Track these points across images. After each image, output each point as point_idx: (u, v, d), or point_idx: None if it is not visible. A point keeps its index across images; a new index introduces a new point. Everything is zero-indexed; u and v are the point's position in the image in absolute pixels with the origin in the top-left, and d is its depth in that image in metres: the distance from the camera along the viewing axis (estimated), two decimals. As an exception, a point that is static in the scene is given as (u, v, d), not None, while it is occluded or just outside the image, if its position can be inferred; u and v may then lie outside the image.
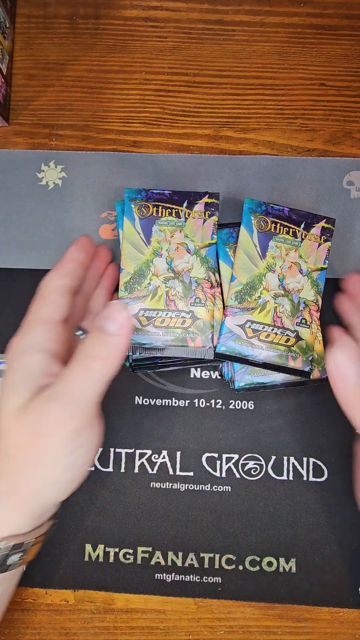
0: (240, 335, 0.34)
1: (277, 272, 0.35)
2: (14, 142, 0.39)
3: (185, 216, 0.35)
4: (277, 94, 0.40)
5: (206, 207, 0.35)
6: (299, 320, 0.34)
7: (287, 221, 0.35)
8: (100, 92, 0.40)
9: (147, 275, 0.34)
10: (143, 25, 0.40)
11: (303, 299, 0.35)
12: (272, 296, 0.34)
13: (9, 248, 0.38)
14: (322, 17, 0.40)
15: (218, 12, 0.40)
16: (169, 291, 0.34)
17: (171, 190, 0.35)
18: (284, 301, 0.34)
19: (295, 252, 0.35)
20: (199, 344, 0.33)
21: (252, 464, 0.36)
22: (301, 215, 0.36)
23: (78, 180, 0.39)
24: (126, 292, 0.34)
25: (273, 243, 0.35)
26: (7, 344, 0.28)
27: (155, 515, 0.35)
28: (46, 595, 0.35)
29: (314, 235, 0.36)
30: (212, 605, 0.35)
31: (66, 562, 0.35)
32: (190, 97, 0.40)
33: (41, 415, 0.25)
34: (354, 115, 0.39)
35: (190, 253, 0.34)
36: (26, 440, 0.25)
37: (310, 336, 0.34)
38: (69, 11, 0.41)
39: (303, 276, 0.35)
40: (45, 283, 0.30)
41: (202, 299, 0.34)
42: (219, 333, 0.34)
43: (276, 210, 0.36)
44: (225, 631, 0.34)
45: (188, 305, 0.34)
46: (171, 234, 0.35)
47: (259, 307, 0.34)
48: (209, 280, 0.34)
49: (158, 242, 0.34)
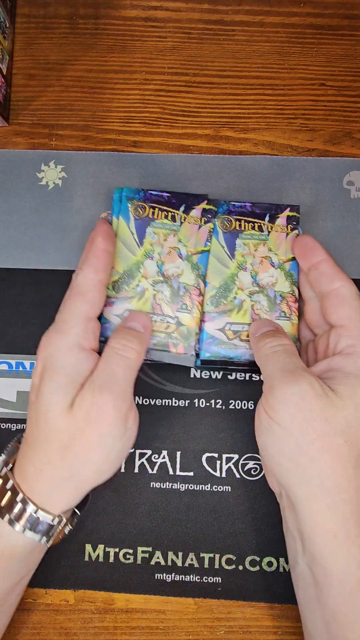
0: (221, 339, 0.34)
1: (249, 270, 0.34)
2: (14, 142, 0.39)
3: (181, 220, 0.35)
4: (277, 94, 0.40)
5: (203, 213, 0.35)
6: (278, 314, 0.34)
7: (250, 216, 0.35)
8: (100, 92, 0.40)
9: (136, 277, 0.34)
10: (143, 25, 0.40)
11: (279, 292, 0.34)
12: (248, 294, 0.34)
13: (9, 248, 0.38)
14: (322, 17, 0.40)
15: (218, 12, 0.40)
16: (157, 295, 0.34)
17: (170, 193, 0.35)
18: (260, 297, 0.34)
19: (264, 246, 0.35)
20: (181, 351, 0.33)
21: (252, 464, 0.36)
22: (264, 208, 0.36)
23: (78, 180, 0.39)
24: (114, 291, 0.34)
25: (240, 241, 0.35)
26: (42, 339, 0.30)
27: (155, 515, 0.35)
28: (46, 595, 0.35)
29: (280, 226, 0.35)
30: (212, 605, 0.35)
31: (66, 562, 0.35)
32: (190, 97, 0.40)
33: (92, 406, 0.28)
34: (354, 115, 0.39)
35: (182, 258, 0.34)
36: (82, 432, 0.28)
37: (291, 328, 0.34)
38: (69, 11, 0.41)
39: (275, 269, 0.35)
40: (82, 279, 0.30)
41: (188, 306, 0.34)
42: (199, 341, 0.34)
43: (238, 207, 0.35)
44: (225, 631, 0.34)
45: (174, 311, 0.34)
46: (165, 238, 0.34)
47: (236, 308, 0.34)
48: (197, 287, 0.34)
49: (151, 244, 0.34)
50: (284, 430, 0.27)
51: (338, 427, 0.27)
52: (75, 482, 0.29)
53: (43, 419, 0.28)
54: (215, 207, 0.35)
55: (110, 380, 0.28)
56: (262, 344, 0.31)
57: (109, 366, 0.29)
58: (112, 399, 0.28)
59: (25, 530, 0.28)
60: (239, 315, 0.34)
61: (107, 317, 0.33)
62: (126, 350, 0.29)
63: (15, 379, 0.37)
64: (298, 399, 0.27)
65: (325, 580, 0.27)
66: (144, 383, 0.37)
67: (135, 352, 0.30)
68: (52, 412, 0.28)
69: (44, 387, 0.28)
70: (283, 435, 0.28)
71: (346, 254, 0.38)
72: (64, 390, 0.28)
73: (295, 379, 0.28)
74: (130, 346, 0.30)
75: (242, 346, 0.34)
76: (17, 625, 0.34)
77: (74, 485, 0.29)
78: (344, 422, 0.27)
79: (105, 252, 0.31)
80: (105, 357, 0.29)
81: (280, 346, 0.30)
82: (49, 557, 0.35)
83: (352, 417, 0.27)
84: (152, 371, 0.37)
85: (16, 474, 0.29)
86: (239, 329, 0.34)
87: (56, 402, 0.28)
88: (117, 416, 0.28)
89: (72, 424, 0.28)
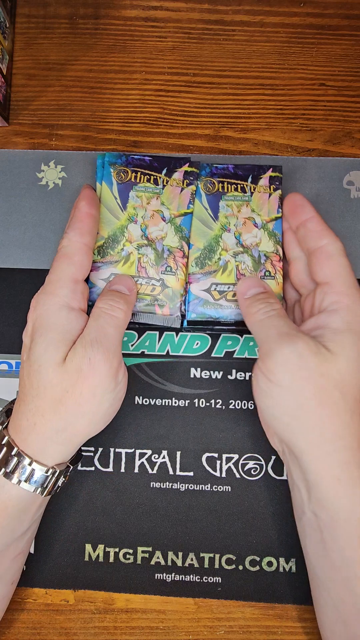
0: (207, 300, 0.34)
1: (233, 231, 0.35)
2: (14, 142, 0.39)
3: (164, 183, 0.35)
4: (277, 94, 0.40)
5: (185, 176, 0.35)
6: (263, 273, 0.34)
7: (233, 178, 0.36)
8: (100, 92, 0.40)
9: (120, 241, 0.34)
10: (143, 25, 0.40)
11: (263, 251, 0.35)
12: (232, 255, 0.35)
13: (9, 248, 0.38)
14: (322, 17, 0.40)
15: (218, 12, 0.40)
16: (141, 258, 0.34)
17: (151, 156, 0.36)
18: (244, 258, 0.35)
19: (247, 207, 0.35)
20: (167, 312, 0.34)
21: (252, 464, 0.36)
22: (247, 169, 0.36)
23: (78, 180, 0.39)
24: (99, 256, 0.34)
25: (223, 203, 0.35)
26: (32, 301, 0.31)
27: (155, 515, 0.35)
28: (46, 595, 0.35)
29: (262, 186, 0.36)
30: (212, 605, 0.35)
31: (66, 562, 0.35)
32: (190, 97, 0.40)
33: (84, 360, 0.29)
34: (354, 115, 0.39)
35: (165, 221, 0.35)
36: (74, 384, 0.29)
37: (277, 287, 0.34)
38: (69, 11, 0.41)
39: (259, 229, 0.35)
40: (68, 242, 0.32)
41: (173, 268, 0.34)
42: (186, 302, 0.34)
43: (221, 169, 0.36)
44: (225, 631, 0.34)
45: (159, 273, 0.34)
46: (147, 201, 0.35)
47: (221, 269, 0.34)
48: (181, 249, 0.34)
49: (134, 208, 0.35)
50: (284, 389, 0.29)
51: (333, 381, 0.28)
52: (68, 434, 0.29)
53: (35, 375, 0.29)
54: (197, 170, 0.35)
55: (101, 336, 0.29)
56: (255, 310, 0.32)
57: (98, 324, 0.30)
58: (103, 353, 0.29)
59: (20, 482, 0.29)
60: (224, 276, 0.34)
61: (93, 282, 0.34)
62: (114, 309, 0.31)
63: (15, 379, 0.37)
64: (296, 359, 0.28)
65: (332, 522, 0.29)
66: (144, 383, 0.37)
67: (123, 312, 0.31)
68: (44, 368, 0.29)
69: (36, 345, 0.29)
70: (283, 394, 0.29)
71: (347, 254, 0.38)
72: (56, 346, 0.29)
73: (292, 340, 0.29)
74: (117, 306, 0.31)
75: (228, 306, 0.34)
76: (17, 625, 0.34)
77: (67, 437, 0.30)
78: (338, 376, 0.28)
79: (89, 216, 0.32)
80: (94, 317, 0.31)
81: (273, 311, 0.31)
82: (49, 557, 0.35)
83: (345, 370, 0.29)
84: (152, 371, 0.37)
85: (10, 430, 0.30)
86: (225, 289, 0.34)
87: (48, 358, 0.29)
88: (108, 369, 0.29)
89: (64, 378, 0.29)
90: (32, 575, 0.35)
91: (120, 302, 0.31)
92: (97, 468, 0.36)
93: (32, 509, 0.30)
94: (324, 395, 0.28)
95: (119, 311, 0.31)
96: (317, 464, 0.29)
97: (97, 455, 0.36)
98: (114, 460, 0.36)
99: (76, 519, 0.35)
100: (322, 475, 0.29)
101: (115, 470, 0.36)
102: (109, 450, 0.36)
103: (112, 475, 0.36)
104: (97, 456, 0.36)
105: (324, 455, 0.29)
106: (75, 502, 0.35)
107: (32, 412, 0.29)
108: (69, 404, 0.29)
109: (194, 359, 0.37)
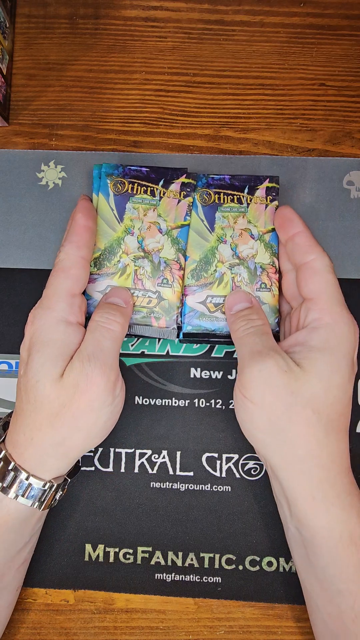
0: (203, 312, 0.34)
1: (229, 242, 0.35)
2: (14, 142, 0.39)
3: (160, 195, 0.35)
4: (277, 94, 0.40)
5: (182, 187, 0.35)
6: (259, 285, 0.34)
7: (230, 189, 0.35)
8: (100, 92, 0.40)
9: (117, 253, 0.34)
10: (143, 25, 0.40)
11: (259, 263, 0.35)
12: (228, 267, 0.35)
13: (9, 248, 0.38)
14: (322, 17, 0.40)
15: (218, 12, 0.40)
16: (138, 270, 0.34)
17: (149, 168, 0.35)
18: (240, 270, 0.35)
19: (243, 219, 0.35)
20: (163, 324, 0.34)
21: (252, 464, 0.36)
22: (243, 180, 0.36)
23: (78, 180, 0.39)
24: (95, 268, 0.34)
25: (219, 214, 0.35)
26: (29, 315, 0.31)
27: (155, 515, 0.35)
28: (46, 595, 0.35)
29: (259, 197, 0.35)
30: (212, 605, 0.35)
31: (66, 562, 0.35)
32: (190, 97, 0.40)
33: (81, 375, 0.29)
34: (354, 115, 0.39)
35: (162, 233, 0.35)
36: (71, 399, 0.29)
37: (272, 299, 0.34)
38: (69, 11, 0.41)
39: (255, 240, 0.35)
40: (64, 255, 0.31)
41: (169, 280, 0.34)
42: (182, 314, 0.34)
43: (217, 180, 0.36)
44: (225, 631, 0.34)
45: (155, 285, 0.34)
46: (144, 212, 0.35)
47: (217, 281, 0.34)
48: (178, 261, 0.34)
49: (131, 220, 0.35)
50: (256, 406, 0.29)
51: (304, 399, 0.28)
52: (64, 448, 0.29)
53: (32, 390, 0.29)
54: (194, 181, 0.35)
55: (98, 351, 0.29)
56: (237, 327, 0.32)
57: (94, 338, 0.30)
58: (100, 367, 0.29)
59: (17, 497, 0.29)
60: (219, 288, 0.34)
61: (89, 294, 0.34)
62: (110, 323, 0.31)
63: (15, 379, 0.37)
64: (265, 376, 0.29)
65: (313, 539, 0.29)
66: (144, 383, 0.37)
67: (119, 325, 0.31)
68: (41, 383, 0.29)
69: (33, 360, 0.29)
70: (256, 411, 0.29)
71: (346, 254, 0.38)
72: (53, 361, 0.29)
73: (262, 359, 0.29)
74: (113, 319, 0.31)
75: (223, 319, 0.34)
76: (17, 625, 0.34)
77: (64, 452, 0.30)
78: (309, 393, 0.28)
79: (86, 228, 0.32)
80: (91, 330, 0.31)
81: (252, 328, 0.31)
82: (49, 557, 0.35)
83: (317, 388, 0.29)
84: (152, 371, 0.37)
85: (7, 444, 0.30)
86: (220, 302, 0.34)
87: (45, 373, 0.29)
88: (105, 383, 0.29)
89: (61, 393, 0.29)
90: (32, 575, 0.35)
91: (116, 314, 0.31)
92: (97, 468, 0.36)
93: (32, 522, 0.30)
94: (295, 413, 0.28)
95: (115, 324, 0.31)
96: (292, 481, 0.29)
97: (97, 455, 0.36)
98: (114, 460, 0.36)
99: (76, 519, 0.35)
100: (297, 493, 0.29)
101: (115, 470, 0.36)
102: (109, 450, 0.36)
103: (112, 475, 0.36)
104: (97, 456, 0.36)
105: (297, 473, 0.29)
106: (75, 502, 0.35)
107: (29, 426, 0.29)
108: (66, 419, 0.29)
109: (194, 359, 0.37)
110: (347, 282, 0.37)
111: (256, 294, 0.34)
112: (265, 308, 0.34)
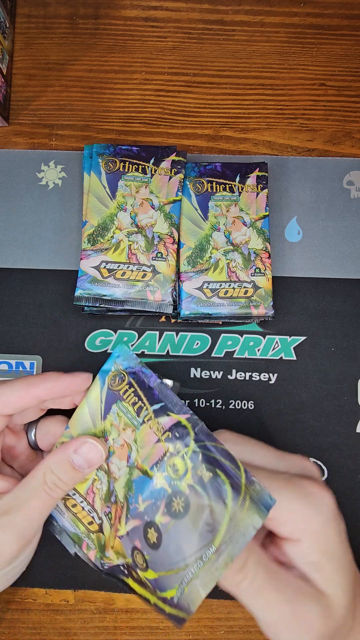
0: (200, 297, 0.35)
1: (222, 230, 0.36)
2: (14, 142, 0.39)
3: (152, 172, 0.36)
4: (277, 94, 0.40)
5: (173, 165, 0.36)
6: (253, 270, 0.35)
7: (221, 178, 0.37)
8: (100, 92, 0.40)
9: (110, 229, 0.35)
10: (143, 25, 0.40)
11: (252, 249, 0.36)
12: (222, 253, 0.35)
13: (9, 248, 0.38)
14: (322, 17, 0.40)
15: (218, 12, 0.40)
16: (132, 245, 0.35)
17: (139, 146, 0.36)
18: (234, 255, 0.36)
19: (235, 207, 0.36)
20: (159, 298, 0.34)
21: (252, 464, 0.36)
22: (234, 169, 0.37)
23: (78, 180, 0.39)
24: (89, 244, 0.35)
25: (212, 203, 0.36)
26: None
27: (155, 515, 0.35)
28: (46, 595, 0.35)
29: (250, 185, 0.37)
30: (212, 605, 0.35)
31: (66, 562, 0.35)
32: (190, 97, 0.40)
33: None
34: (354, 115, 0.39)
35: (155, 209, 0.35)
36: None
37: (267, 283, 0.35)
38: (69, 11, 0.41)
39: (248, 227, 0.36)
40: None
41: (163, 254, 0.35)
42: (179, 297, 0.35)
43: (209, 168, 0.37)
44: (225, 631, 0.34)
45: (149, 259, 0.35)
46: (136, 190, 0.35)
47: (212, 267, 0.35)
48: (171, 235, 0.35)
49: (123, 196, 0.35)
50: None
51: None
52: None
53: None
54: (184, 159, 0.36)
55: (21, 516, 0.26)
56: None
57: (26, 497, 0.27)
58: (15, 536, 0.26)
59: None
60: (215, 274, 0.35)
61: (83, 270, 0.34)
62: (55, 490, 0.27)
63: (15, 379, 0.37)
64: None
65: None
66: (144, 383, 0.37)
67: (62, 493, 0.27)
68: None
69: None
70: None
71: (346, 254, 0.38)
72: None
73: None
74: (61, 487, 0.27)
75: (219, 303, 0.35)
76: (17, 625, 0.34)
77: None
78: None
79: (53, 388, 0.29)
80: (28, 487, 0.27)
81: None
82: (49, 557, 0.35)
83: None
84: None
85: None
86: (217, 287, 0.35)
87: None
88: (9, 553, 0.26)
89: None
90: (32, 575, 0.35)
91: (68, 481, 0.27)
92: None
93: None
94: None
95: (59, 492, 0.27)
96: None
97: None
98: (114, 460, 0.36)
99: (76, 519, 0.35)
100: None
101: (115, 470, 0.36)
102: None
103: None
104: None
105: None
106: (75, 502, 0.35)
107: None
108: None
109: (194, 359, 0.37)
110: (347, 282, 0.37)
111: (251, 279, 0.35)
112: (262, 292, 0.35)
